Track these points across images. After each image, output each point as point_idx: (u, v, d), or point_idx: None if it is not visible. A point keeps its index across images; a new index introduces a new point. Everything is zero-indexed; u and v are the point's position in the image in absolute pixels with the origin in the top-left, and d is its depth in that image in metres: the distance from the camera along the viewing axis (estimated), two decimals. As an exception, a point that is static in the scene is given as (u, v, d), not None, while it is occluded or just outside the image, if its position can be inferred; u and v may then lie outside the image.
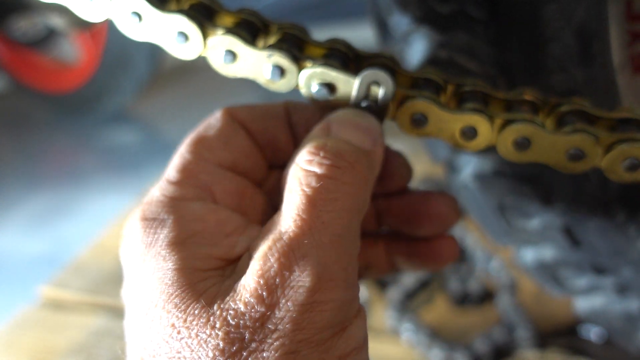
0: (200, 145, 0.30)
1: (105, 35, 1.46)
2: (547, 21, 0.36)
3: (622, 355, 0.58)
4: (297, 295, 0.23)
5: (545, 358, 0.61)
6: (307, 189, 0.25)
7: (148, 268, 0.26)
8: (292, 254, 0.24)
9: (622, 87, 0.39)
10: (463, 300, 0.71)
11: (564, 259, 0.47)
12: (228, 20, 0.33)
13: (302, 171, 0.26)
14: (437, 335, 0.65)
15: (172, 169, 0.29)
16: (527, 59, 0.37)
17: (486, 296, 0.71)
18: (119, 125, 1.59)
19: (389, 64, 0.33)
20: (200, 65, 0.34)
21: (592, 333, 0.60)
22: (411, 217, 0.33)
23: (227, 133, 0.30)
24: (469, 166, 0.45)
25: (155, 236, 0.26)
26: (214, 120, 0.31)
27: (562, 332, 0.63)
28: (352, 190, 0.26)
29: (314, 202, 0.25)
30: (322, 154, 0.26)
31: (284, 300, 0.23)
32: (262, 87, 0.34)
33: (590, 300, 0.49)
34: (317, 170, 0.26)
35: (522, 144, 0.31)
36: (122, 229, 0.99)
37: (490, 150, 0.38)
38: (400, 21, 0.39)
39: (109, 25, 1.44)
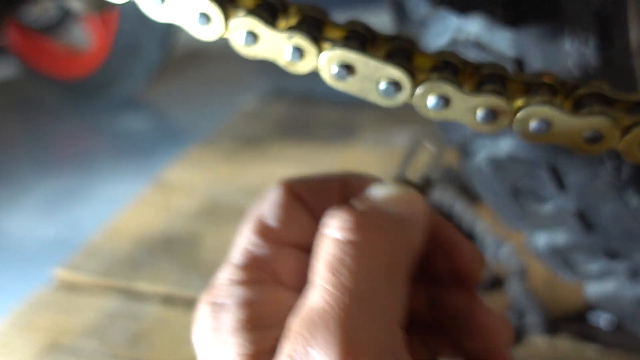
0: (262, 225, 0.29)
1: (116, 22, 1.46)
2: (565, 3, 0.36)
3: (631, 342, 0.58)
4: None
5: (554, 344, 0.61)
6: (325, 255, 0.24)
7: (215, 354, 0.26)
8: (313, 326, 0.23)
9: (639, 71, 0.39)
10: (473, 286, 0.72)
11: (577, 244, 0.47)
12: (249, 1, 0.33)
13: (322, 237, 0.26)
14: (447, 319, 0.65)
15: (236, 252, 0.29)
16: (545, 41, 0.38)
17: (496, 282, 0.71)
18: (130, 111, 1.60)
19: (408, 46, 0.33)
20: (211, 52, 0.35)
21: (602, 319, 0.61)
22: (457, 322, 0.30)
23: (287, 209, 0.30)
24: (484, 150, 0.45)
25: (219, 322, 0.26)
26: (273, 196, 0.30)
27: (572, 319, 0.64)
28: (375, 254, 0.24)
29: (333, 267, 0.24)
30: (340, 218, 0.25)
31: None
32: (273, 75, 0.34)
33: (602, 286, 0.50)
34: (337, 234, 0.25)
35: (540, 126, 0.31)
36: (135, 213, 1.00)
37: (507, 132, 0.38)
38: (417, 3, 0.39)
39: (120, 11, 1.44)
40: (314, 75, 0.35)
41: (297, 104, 1.49)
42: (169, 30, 1.46)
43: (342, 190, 0.32)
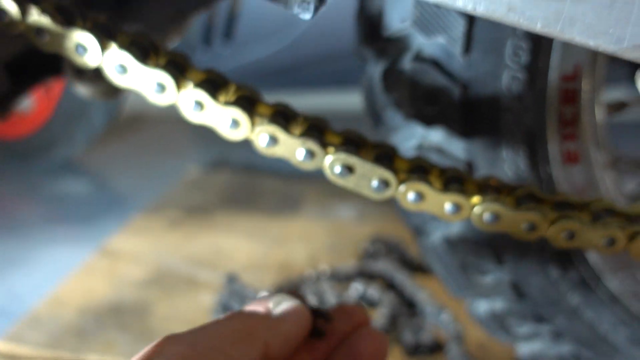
0: None
1: (62, 85, 1.47)
2: (503, 124, 0.47)
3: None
4: None
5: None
6: None
7: None
8: None
9: (555, 174, 0.51)
10: (415, 350, 0.79)
11: (511, 310, 0.57)
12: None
13: None
14: (395, 382, 0.72)
15: None
16: (488, 150, 0.48)
17: (436, 346, 0.79)
18: (69, 175, 1.58)
19: (390, 152, 0.43)
20: (150, 116, 0.42)
21: (529, 377, 0.70)
22: None
23: None
24: (438, 231, 0.54)
25: None
26: None
27: (504, 378, 0.72)
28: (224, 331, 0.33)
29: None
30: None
31: None
32: (214, 144, 0.41)
33: (531, 345, 0.59)
34: None
35: (492, 218, 0.41)
36: (80, 281, 1.00)
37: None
38: (393, 116, 0.49)
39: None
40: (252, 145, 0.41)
41: (239, 174, 1.55)
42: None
43: None
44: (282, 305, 0.37)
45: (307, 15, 0.34)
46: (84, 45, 0.37)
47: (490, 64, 0.44)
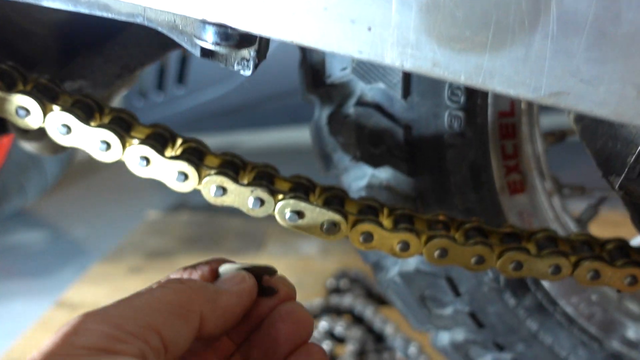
0: None
1: (13, 137, 1.43)
2: (448, 159, 0.49)
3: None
4: None
5: None
6: None
7: None
8: None
9: (503, 204, 0.52)
10: (387, 383, 0.79)
11: (472, 339, 0.58)
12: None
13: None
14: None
15: None
16: (436, 185, 0.50)
17: (406, 378, 0.79)
18: (23, 225, 1.52)
19: (341, 194, 0.43)
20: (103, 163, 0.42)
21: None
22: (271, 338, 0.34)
23: None
24: (396, 266, 0.55)
25: None
26: None
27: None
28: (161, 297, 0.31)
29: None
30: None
31: None
32: (167, 187, 0.41)
33: (495, 373, 0.60)
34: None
35: (441, 253, 0.42)
36: (36, 338, 0.98)
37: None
38: (342, 157, 0.50)
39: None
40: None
41: (199, 214, 1.52)
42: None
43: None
44: (225, 274, 0.34)
45: (247, 72, 0.35)
46: (26, 108, 0.37)
47: (431, 105, 0.46)
